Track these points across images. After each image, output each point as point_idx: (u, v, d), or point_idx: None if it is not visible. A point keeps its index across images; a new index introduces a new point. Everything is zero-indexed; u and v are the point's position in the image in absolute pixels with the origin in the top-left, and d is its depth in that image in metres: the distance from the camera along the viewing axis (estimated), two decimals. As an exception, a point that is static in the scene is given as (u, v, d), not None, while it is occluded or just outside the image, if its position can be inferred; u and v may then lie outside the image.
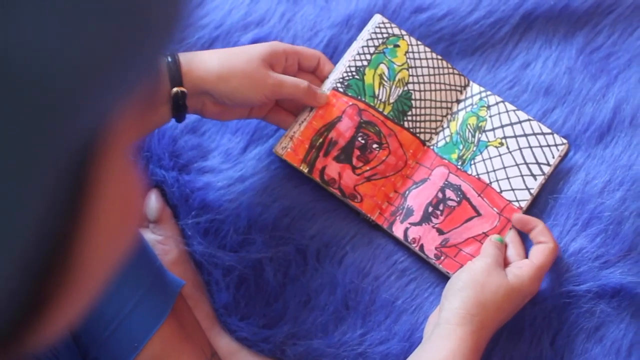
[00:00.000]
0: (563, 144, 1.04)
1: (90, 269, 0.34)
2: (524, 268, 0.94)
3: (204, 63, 0.92)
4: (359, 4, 1.11)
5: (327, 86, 1.04)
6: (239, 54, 0.95)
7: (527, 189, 1.03)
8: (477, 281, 0.91)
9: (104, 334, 0.87)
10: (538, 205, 1.04)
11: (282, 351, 1.02)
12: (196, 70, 0.91)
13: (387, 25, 1.07)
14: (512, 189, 1.03)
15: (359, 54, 1.05)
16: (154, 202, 1.05)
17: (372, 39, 1.06)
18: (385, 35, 1.06)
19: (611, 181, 1.05)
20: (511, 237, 1.00)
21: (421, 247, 1.02)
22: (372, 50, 1.06)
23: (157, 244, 1.03)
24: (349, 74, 1.04)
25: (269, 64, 0.96)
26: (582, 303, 1.01)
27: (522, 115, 1.06)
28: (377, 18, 1.07)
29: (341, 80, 1.04)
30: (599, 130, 1.07)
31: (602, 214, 1.03)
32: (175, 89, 0.90)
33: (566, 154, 1.05)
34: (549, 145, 1.04)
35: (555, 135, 1.05)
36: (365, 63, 1.05)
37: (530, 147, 1.04)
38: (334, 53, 1.10)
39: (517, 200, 1.02)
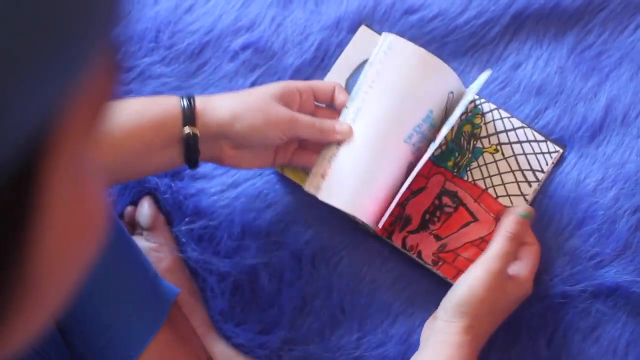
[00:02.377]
0: (556, 151, 1.05)
1: (50, 279, 0.33)
2: (520, 273, 0.94)
3: (217, 105, 0.90)
4: (348, 7, 1.11)
5: (350, 116, 0.98)
6: (252, 93, 0.93)
7: (522, 195, 1.03)
8: (477, 296, 0.91)
9: (99, 343, 0.87)
10: (532, 205, 1.04)
11: (278, 357, 1.02)
12: (211, 111, 0.89)
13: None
14: (508, 195, 1.03)
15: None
16: (147, 209, 1.04)
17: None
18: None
19: (604, 180, 1.05)
20: None
21: (419, 254, 1.02)
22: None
23: (151, 252, 1.03)
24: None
25: (283, 102, 0.93)
26: (578, 303, 1.01)
27: (517, 123, 1.06)
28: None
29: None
30: (591, 129, 1.07)
31: (596, 213, 1.03)
32: (187, 130, 0.88)
33: (559, 160, 1.05)
34: (542, 153, 1.05)
35: (549, 142, 1.05)
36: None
37: (525, 154, 1.05)
38: (325, 56, 1.10)
39: (513, 206, 1.02)
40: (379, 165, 0.97)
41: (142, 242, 1.03)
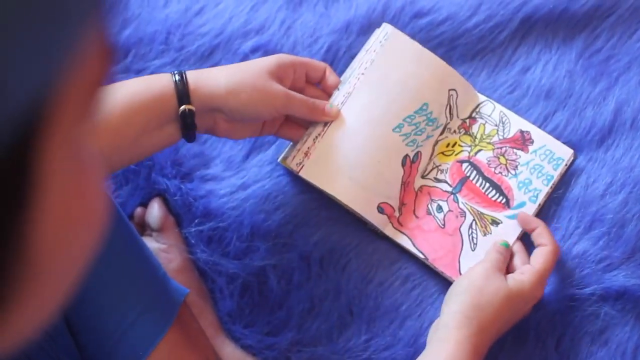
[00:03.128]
0: (569, 154, 1.04)
1: (50, 265, 0.33)
2: (525, 273, 0.94)
3: (212, 79, 0.92)
4: (358, 10, 1.11)
5: (339, 99, 1.02)
6: (247, 69, 0.94)
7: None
8: (475, 285, 0.91)
9: (108, 343, 0.87)
10: (541, 209, 1.04)
11: (286, 358, 1.02)
12: (205, 87, 0.91)
13: None
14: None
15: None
16: (156, 210, 1.05)
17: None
18: None
19: (613, 184, 1.05)
20: (517, 247, 1.00)
21: (426, 255, 1.03)
22: None
23: (161, 253, 1.03)
24: None
25: (277, 77, 0.95)
26: (586, 306, 1.01)
27: (529, 125, 1.06)
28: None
29: None
30: (600, 134, 1.07)
31: (605, 217, 1.03)
32: (183, 107, 0.90)
33: (572, 164, 1.05)
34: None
35: (563, 146, 1.05)
36: None
37: (537, 157, 1.05)
38: (334, 59, 1.10)
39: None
40: (363, 151, 1.01)
41: (151, 243, 1.04)
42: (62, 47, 0.30)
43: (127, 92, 0.88)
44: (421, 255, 1.02)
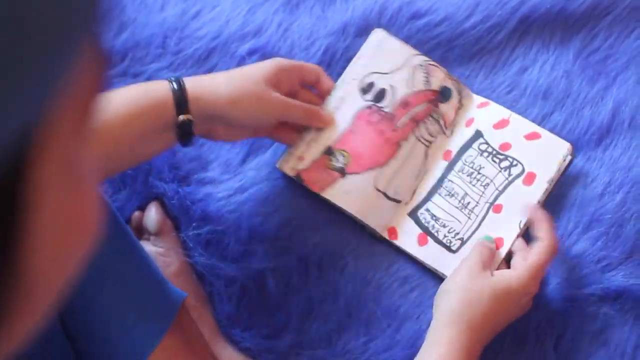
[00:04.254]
0: (569, 152, 1.04)
1: (42, 277, 0.33)
2: (516, 269, 0.94)
3: (211, 88, 0.92)
4: (355, 12, 1.11)
5: (333, 104, 1.04)
6: (245, 76, 0.95)
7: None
8: (460, 284, 0.92)
9: (106, 348, 0.87)
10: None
11: (285, 361, 1.02)
12: (204, 95, 0.91)
13: None
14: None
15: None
16: (154, 214, 1.05)
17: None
18: None
19: (611, 183, 1.05)
20: (518, 245, 0.99)
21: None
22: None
23: (158, 256, 1.03)
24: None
25: (275, 84, 0.96)
26: (585, 306, 1.01)
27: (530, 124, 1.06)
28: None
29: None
30: (598, 133, 1.07)
31: (603, 217, 1.03)
32: (181, 117, 0.90)
33: (571, 162, 1.05)
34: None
35: (560, 140, 1.05)
36: None
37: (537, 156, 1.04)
38: (332, 61, 1.10)
39: None
40: None
41: (149, 247, 1.04)
42: (55, 73, 0.30)
43: (125, 100, 0.88)
44: (420, 258, 1.02)
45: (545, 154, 1.03)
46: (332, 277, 1.04)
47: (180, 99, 0.90)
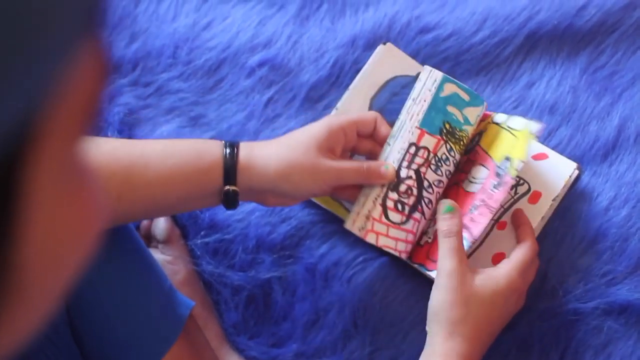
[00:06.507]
0: (575, 169, 1.03)
1: (40, 280, 0.33)
2: (501, 266, 0.93)
3: (262, 159, 0.88)
4: (364, 25, 1.12)
5: (394, 156, 0.96)
6: (296, 146, 0.89)
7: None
8: (447, 301, 0.89)
9: (114, 356, 0.88)
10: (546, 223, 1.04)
11: (291, 370, 1.03)
12: (254, 168, 0.87)
13: None
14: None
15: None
16: (162, 222, 1.05)
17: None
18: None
19: (616, 198, 1.05)
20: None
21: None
22: None
23: (167, 264, 1.04)
24: None
25: (328, 149, 0.91)
26: (590, 320, 1.01)
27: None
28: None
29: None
30: (603, 148, 1.08)
31: (608, 231, 1.04)
32: (227, 188, 0.87)
33: (578, 177, 1.05)
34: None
35: (567, 161, 1.05)
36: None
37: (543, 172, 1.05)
38: (340, 73, 1.11)
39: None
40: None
41: (157, 255, 1.04)
42: (49, 70, 0.30)
43: (173, 159, 0.85)
44: (426, 272, 1.02)
45: (552, 174, 1.03)
46: (339, 287, 1.04)
47: (230, 168, 0.86)
